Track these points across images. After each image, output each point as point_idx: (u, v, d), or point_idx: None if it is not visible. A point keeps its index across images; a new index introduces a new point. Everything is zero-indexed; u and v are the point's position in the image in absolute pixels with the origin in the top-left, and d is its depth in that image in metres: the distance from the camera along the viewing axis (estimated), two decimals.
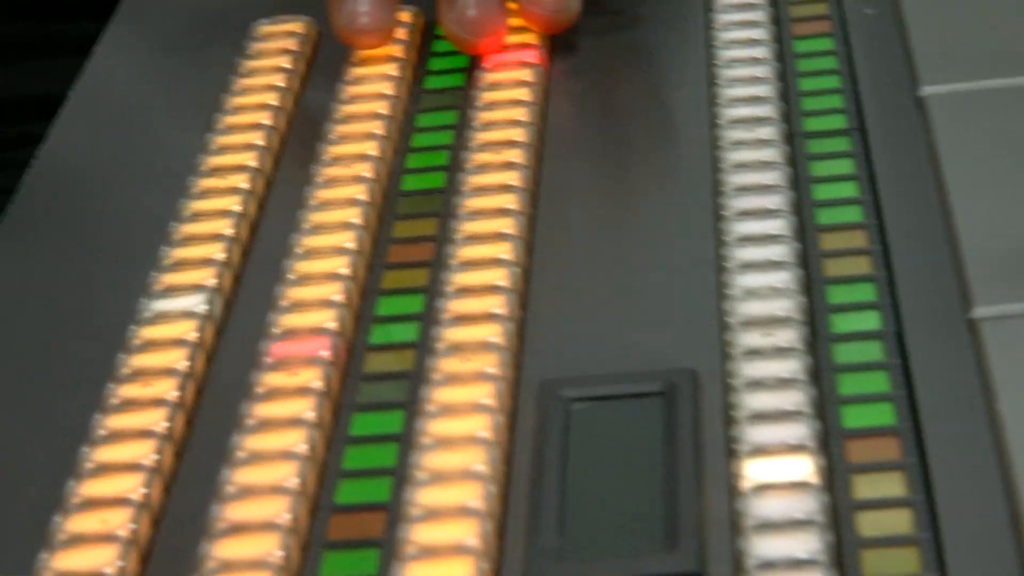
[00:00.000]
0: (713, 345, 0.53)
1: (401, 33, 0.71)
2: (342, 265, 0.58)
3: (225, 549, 0.47)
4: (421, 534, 0.46)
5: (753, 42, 0.67)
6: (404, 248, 0.60)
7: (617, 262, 0.59)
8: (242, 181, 0.63)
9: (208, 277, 0.59)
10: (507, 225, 0.59)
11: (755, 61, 0.66)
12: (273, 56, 0.71)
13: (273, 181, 0.64)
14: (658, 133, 0.65)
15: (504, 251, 0.58)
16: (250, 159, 0.64)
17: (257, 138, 0.65)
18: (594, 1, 0.74)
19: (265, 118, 0.67)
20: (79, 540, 0.47)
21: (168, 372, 0.55)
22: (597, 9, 0.74)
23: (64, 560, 0.47)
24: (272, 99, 0.68)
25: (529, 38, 0.70)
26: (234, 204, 0.62)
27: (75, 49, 0.80)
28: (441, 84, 0.70)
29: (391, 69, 0.69)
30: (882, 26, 0.67)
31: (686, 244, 0.58)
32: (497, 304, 0.55)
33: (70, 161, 0.70)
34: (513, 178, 0.61)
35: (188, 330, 0.57)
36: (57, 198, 0.67)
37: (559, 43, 0.71)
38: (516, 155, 0.62)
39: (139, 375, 0.55)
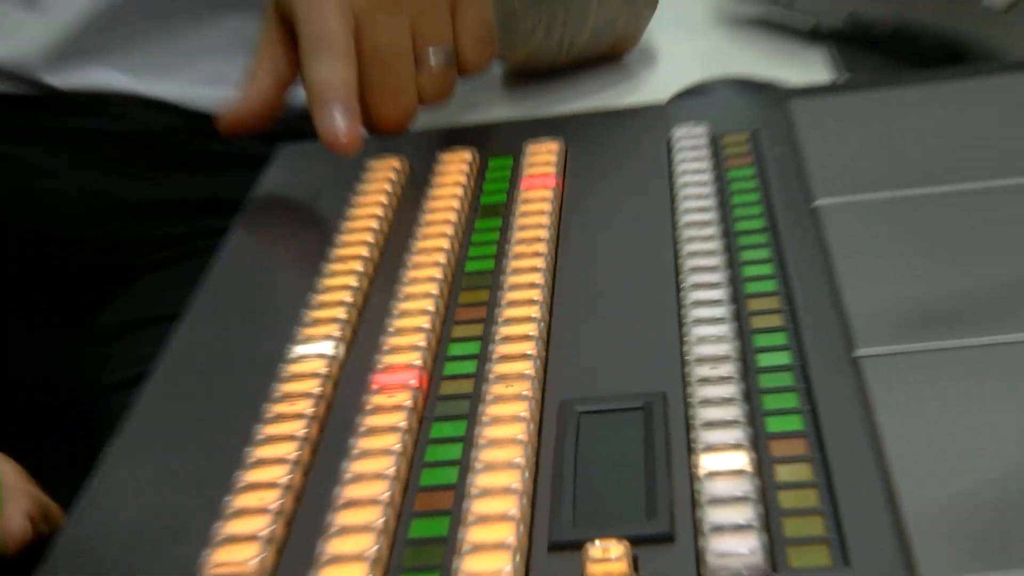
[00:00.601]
0: (677, 376, 0.52)
1: (464, 166, 0.69)
2: (425, 321, 0.57)
3: (343, 518, 0.46)
4: (478, 507, 0.45)
5: (700, 170, 0.65)
6: (466, 310, 0.59)
7: (611, 320, 0.58)
8: (358, 266, 0.63)
9: (335, 330, 0.58)
10: (535, 294, 0.58)
11: (702, 183, 0.65)
12: (380, 180, 0.70)
13: (380, 265, 0.64)
14: (636, 232, 0.65)
15: (533, 311, 0.57)
16: (364, 251, 0.64)
17: (368, 236, 0.65)
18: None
19: (374, 223, 0.66)
20: (231, 539, 0.46)
21: (307, 395, 0.54)
22: (589, 147, 0.72)
23: (220, 555, 0.45)
24: (378, 210, 0.67)
25: (549, 168, 0.68)
26: (352, 281, 0.62)
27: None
28: (491, 200, 0.69)
29: (458, 190, 0.69)
30: (786, 158, 0.65)
31: (657, 308, 0.57)
32: (529, 347, 0.54)
33: (249, 256, 0.68)
34: (539, 263, 0.60)
35: (321, 366, 0.56)
36: (238, 286, 0.66)
37: (570, 173, 0.69)
38: (540, 247, 0.62)
39: (287, 397, 0.54)
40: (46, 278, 1.08)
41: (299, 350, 0.56)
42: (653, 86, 0.93)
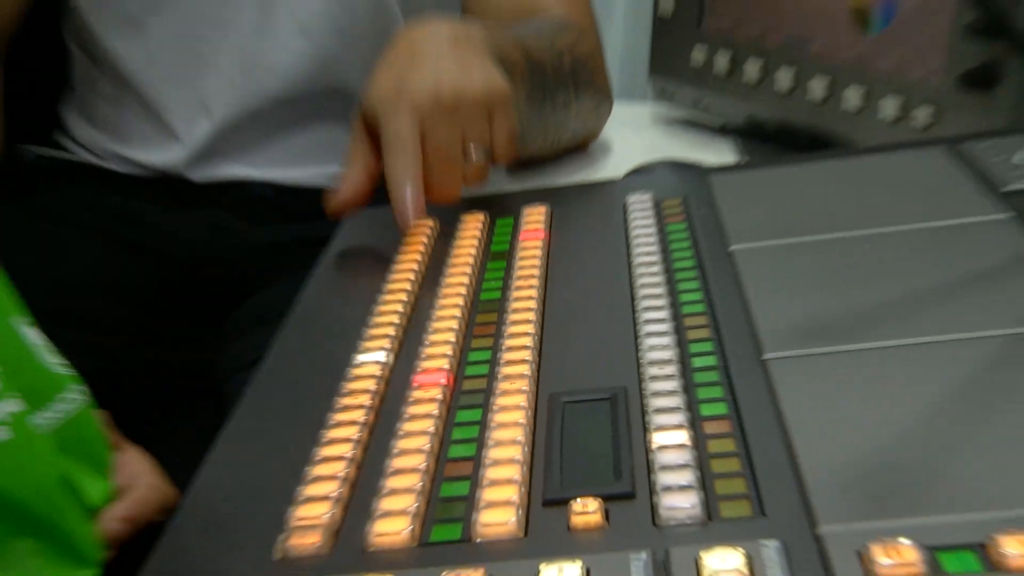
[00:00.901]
0: (634, 374, 0.50)
1: (479, 224, 0.68)
2: (451, 336, 0.55)
3: (392, 483, 0.44)
4: (490, 473, 0.43)
5: (647, 226, 0.63)
6: (481, 327, 0.57)
7: (585, 334, 0.56)
8: (403, 296, 0.60)
9: (386, 343, 0.56)
10: (530, 316, 0.56)
11: (648, 235, 0.64)
12: (419, 235, 0.69)
13: (419, 295, 0.62)
14: (603, 270, 0.62)
15: (529, 328, 0.55)
16: (407, 285, 0.62)
17: (411, 275, 0.63)
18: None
19: (415, 265, 0.64)
20: (310, 499, 0.44)
21: (366, 391, 0.51)
22: (568, 210, 0.70)
23: (302, 511, 0.43)
24: (418, 256, 0.66)
25: (539, 225, 0.66)
26: (399, 307, 0.59)
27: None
28: (498, 248, 0.67)
29: (474, 241, 0.67)
30: (708, 216, 0.62)
31: (619, 325, 0.55)
32: (526, 355, 0.52)
33: (328, 286, 0.64)
34: (533, 293, 0.59)
35: (376, 369, 0.53)
36: (320, 308, 0.63)
37: (554, 228, 0.67)
38: (534, 282, 0.60)
39: (351, 392, 0.52)
40: (197, 291, 1.10)
41: (360, 357, 0.54)
42: (611, 167, 0.92)
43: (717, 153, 0.97)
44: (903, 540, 0.35)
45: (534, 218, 0.69)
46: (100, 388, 0.61)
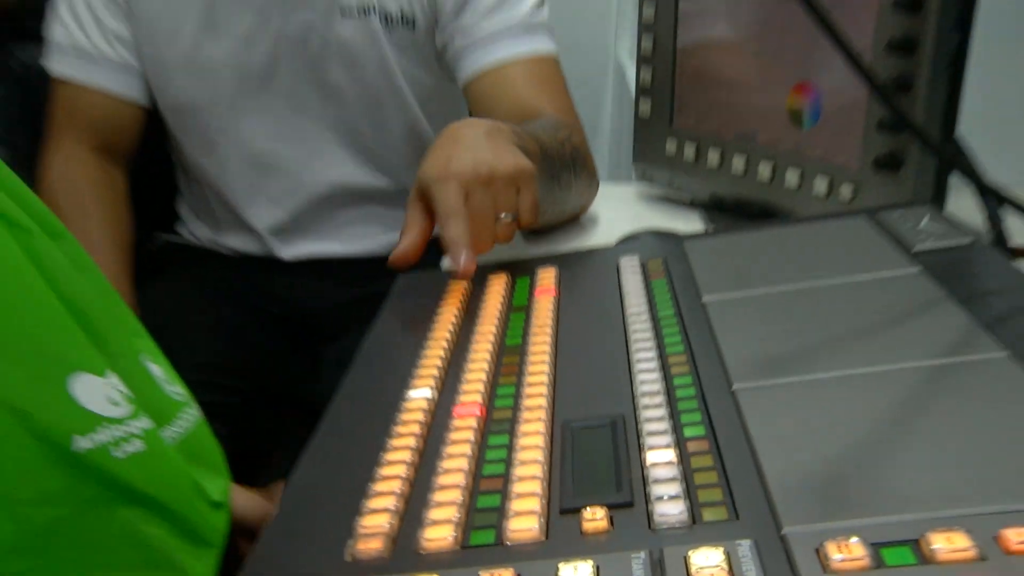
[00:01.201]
0: (630, 404, 0.48)
1: (502, 283, 0.67)
2: (483, 375, 0.53)
3: (438, 497, 0.42)
4: (517, 488, 0.41)
5: (636, 283, 0.63)
6: (507, 367, 0.55)
7: (589, 371, 0.53)
8: (444, 343, 0.58)
9: (431, 382, 0.54)
10: (545, 358, 0.54)
11: (637, 290, 0.62)
12: (455, 293, 0.67)
13: (456, 342, 0.60)
14: (602, 319, 0.60)
15: (545, 368, 0.53)
16: (447, 333, 0.59)
17: (450, 325, 0.61)
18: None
19: (453, 317, 0.62)
20: (373, 511, 0.42)
21: (415, 421, 0.49)
22: (573, 271, 0.68)
23: (366, 521, 0.41)
24: (455, 310, 0.64)
25: (550, 284, 0.65)
26: (441, 352, 0.57)
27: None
28: (518, 302, 0.65)
29: (499, 297, 0.65)
30: (684, 274, 0.61)
31: (616, 363, 0.53)
32: (543, 390, 0.50)
33: (386, 334, 0.63)
34: (547, 339, 0.57)
35: (423, 403, 0.51)
36: (379, 352, 0.61)
37: (563, 286, 0.65)
38: (548, 330, 0.58)
39: (404, 422, 0.50)
40: (294, 339, 1.13)
41: (411, 393, 0.53)
42: (605, 235, 0.90)
43: (688, 222, 0.95)
44: (853, 539, 0.34)
45: (546, 278, 0.67)
46: (221, 413, 0.61)
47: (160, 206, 1.17)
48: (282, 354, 1.10)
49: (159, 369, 0.52)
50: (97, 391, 0.43)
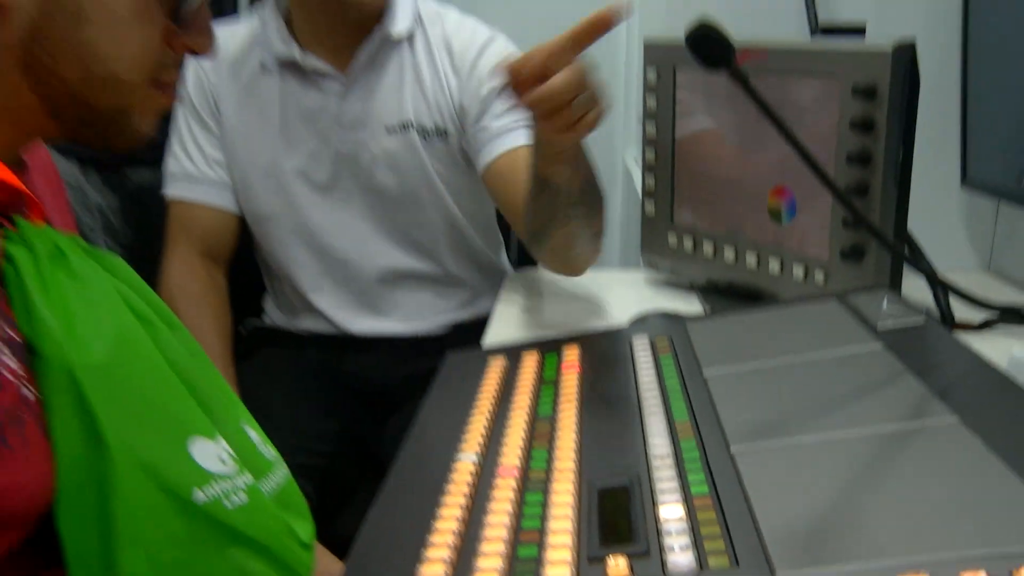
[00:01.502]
0: (644, 465, 0.48)
1: (534, 360, 0.68)
2: (520, 441, 0.54)
3: (484, 548, 0.42)
4: (551, 540, 0.42)
5: (646, 358, 0.64)
6: (539, 434, 0.55)
7: (608, 436, 0.54)
8: (487, 412, 0.59)
9: (476, 447, 0.55)
10: (572, 424, 0.55)
11: (648, 364, 0.63)
12: (495, 369, 0.68)
13: (495, 411, 0.60)
14: (617, 390, 0.60)
15: (572, 433, 0.54)
16: (488, 404, 0.60)
17: (491, 396, 0.62)
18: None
19: (493, 389, 0.63)
20: (431, 560, 0.42)
21: (464, 483, 0.50)
22: (593, 349, 0.69)
23: (424, 569, 0.42)
24: (495, 383, 0.64)
25: (575, 359, 0.66)
26: (484, 421, 0.58)
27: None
28: (548, 376, 0.65)
29: (532, 372, 0.65)
30: (687, 351, 0.62)
31: (630, 429, 0.53)
32: (572, 454, 0.51)
33: (437, 405, 0.63)
34: (573, 408, 0.57)
35: (470, 466, 0.52)
36: (432, 421, 0.62)
37: (585, 362, 0.66)
38: (573, 400, 0.59)
39: (454, 483, 0.50)
40: (364, 406, 1.13)
41: (459, 456, 0.53)
42: (619, 315, 0.91)
43: (689, 303, 0.96)
44: None
45: (571, 355, 0.68)
46: (305, 471, 0.61)
47: (249, 297, 1.19)
48: (353, 420, 1.11)
49: (255, 434, 0.53)
50: (210, 452, 0.45)
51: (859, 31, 0.88)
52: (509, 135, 1.00)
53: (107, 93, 0.48)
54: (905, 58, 0.75)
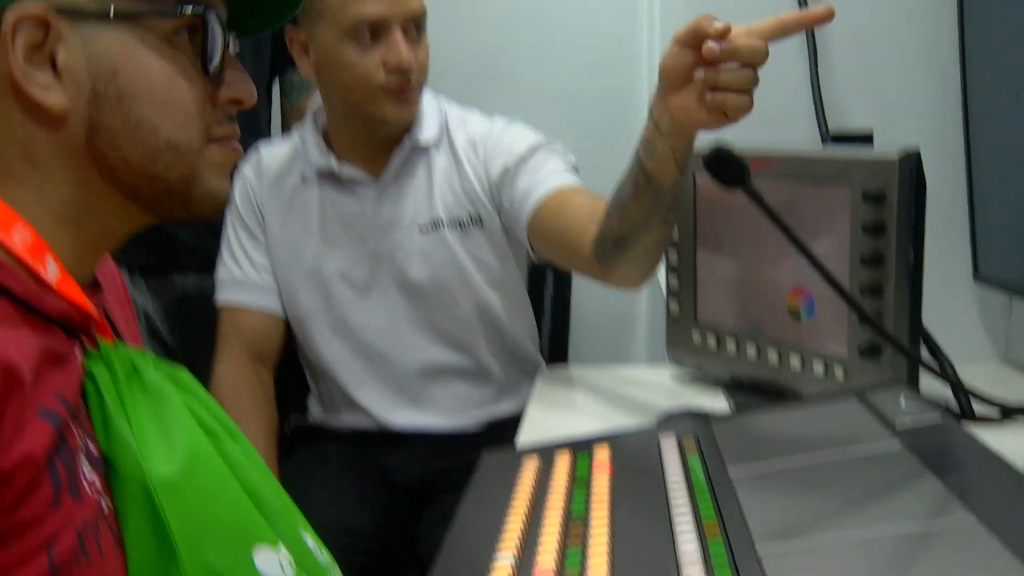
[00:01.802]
0: (673, 563, 0.49)
1: (567, 460, 0.69)
2: (555, 542, 0.55)
3: None
4: None
5: (674, 456, 0.65)
6: (573, 534, 0.56)
7: (640, 536, 0.55)
8: (523, 512, 0.60)
9: (513, 549, 0.55)
10: (604, 524, 0.56)
11: (675, 463, 0.64)
12: (529, 469, 0.69)
13: (531, 511, 0.61)
14: (647, 489, 0.61)
15: (604, 533, 0.55)
16: (524, 505, 0.61)
17: (527, 496, 0.63)
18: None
19: (528, 489, 0.64)
20: None
21: None
22: (624, 449, 0.70)
23: None
24: (530, 483, 0.66)
25: (606, 460, 0.67)
26: (520, 522, 0.59)
27: None
28: (580, 475, 0.66)
29: (565, 471, 0.67)
30: (712, 450, 0.64)
31: (661, 530, 0.55)
32: (604, 553, 0.52)
33: (476, 501, 0.65)
34: (605, 508, 0.59)
35: (507, 566, 0.53)
36: (471, 517, 0.63)
37: (615, 462, 0.68)
38: (605, 500, 0.60)
39: None
40: (404, 498, 1.14)
41: (497, 555, 0.54)
42: (647, 411, 0.93)
43: (714, 399, 0.97)
44: None
45: (602, 455, 0.69)
46: (349, 570, 0.63)
47: (293, 396, 1.23)
48: (391, 514, 1.12)
49: (311, 540, 0.56)
50: (272, 560, 0.48)
51: (867, 139, 0.92)
52: (547, 182, 1.02)
53: (170, 161, 0.51)
54: (911, 165, 0.79)
